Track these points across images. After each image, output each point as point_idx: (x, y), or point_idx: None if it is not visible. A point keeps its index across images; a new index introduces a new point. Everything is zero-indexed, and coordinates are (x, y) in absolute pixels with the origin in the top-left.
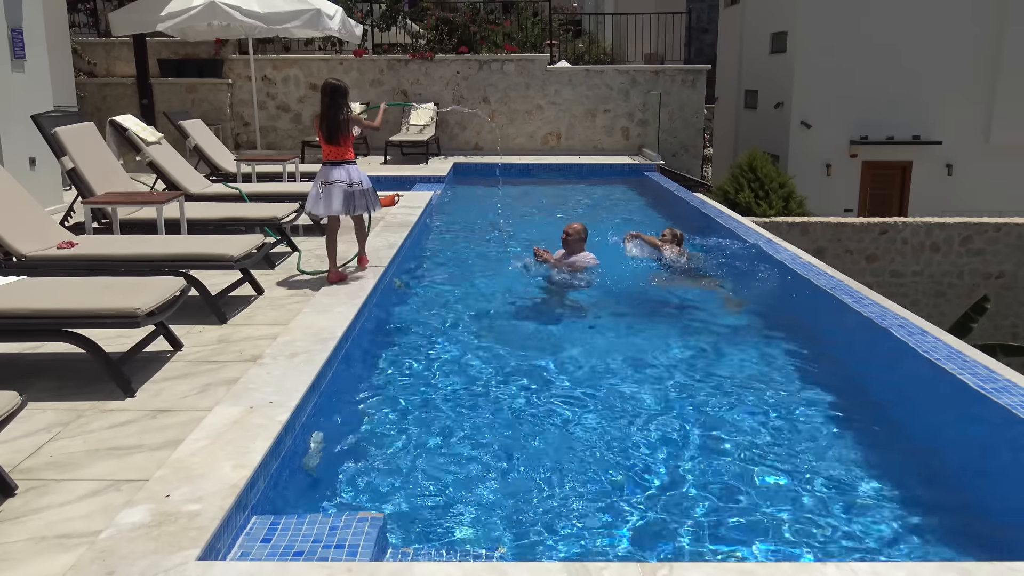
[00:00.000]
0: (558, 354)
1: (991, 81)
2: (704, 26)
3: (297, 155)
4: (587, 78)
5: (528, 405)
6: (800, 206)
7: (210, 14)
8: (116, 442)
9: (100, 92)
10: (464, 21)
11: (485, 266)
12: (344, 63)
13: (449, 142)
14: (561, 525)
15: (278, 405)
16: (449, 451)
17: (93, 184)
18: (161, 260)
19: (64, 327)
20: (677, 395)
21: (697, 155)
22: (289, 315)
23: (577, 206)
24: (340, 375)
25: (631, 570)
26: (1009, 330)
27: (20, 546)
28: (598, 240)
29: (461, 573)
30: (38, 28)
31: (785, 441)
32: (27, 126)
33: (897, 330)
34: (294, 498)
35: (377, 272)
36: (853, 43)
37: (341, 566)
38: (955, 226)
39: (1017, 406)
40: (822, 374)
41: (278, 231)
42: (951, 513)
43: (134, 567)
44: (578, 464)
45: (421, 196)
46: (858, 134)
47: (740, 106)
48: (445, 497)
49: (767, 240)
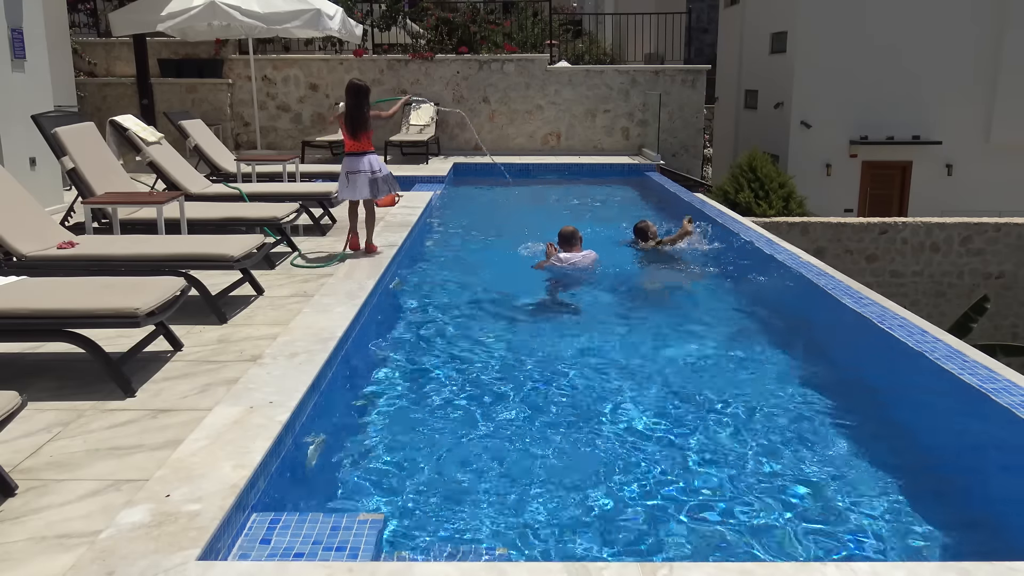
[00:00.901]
0: (559, 353)
1: (991, 81)
2: (704, 26)
3: (297, 155)
4: (587, 78)
5: (529, 404)
6: (800, 206)
7: (210, 14)
8: (116, 442)
9: (100, 92)
10: (464, 21)
11: (485, 266)
12: (344, 63)
13: (449, 142)
14: (562, 524)
15: (278, 405)
16: (449, 451)
17: (93, 184)
18: (161, 260)
19: (64, 327)
20: (678, 394)
21: (697, 155)
22: (289, 315)
23: (582, 207)
24: (340, 375)
25: (631, 570)
26: (1009, 330)
27: (20, 546)
28: (602, 235)
29: (460, 573)
30: (38, 28)
31: (784, 440)
32: (27, 126)
33: (897, 330)
34: (294, 498)
35: (377, 272)
36: (853, 43)
37: (341, 566)
38: (955, 226)
39: (1017, 406)
40: (822, 374)
41: (278, 231)
42: (951, 513)
43: (134, 567)
44: (579, 463)
45: (421, 196)
46: (858, 134)
47: (740, 106)
48: (445, 497)
49: (767, 240)
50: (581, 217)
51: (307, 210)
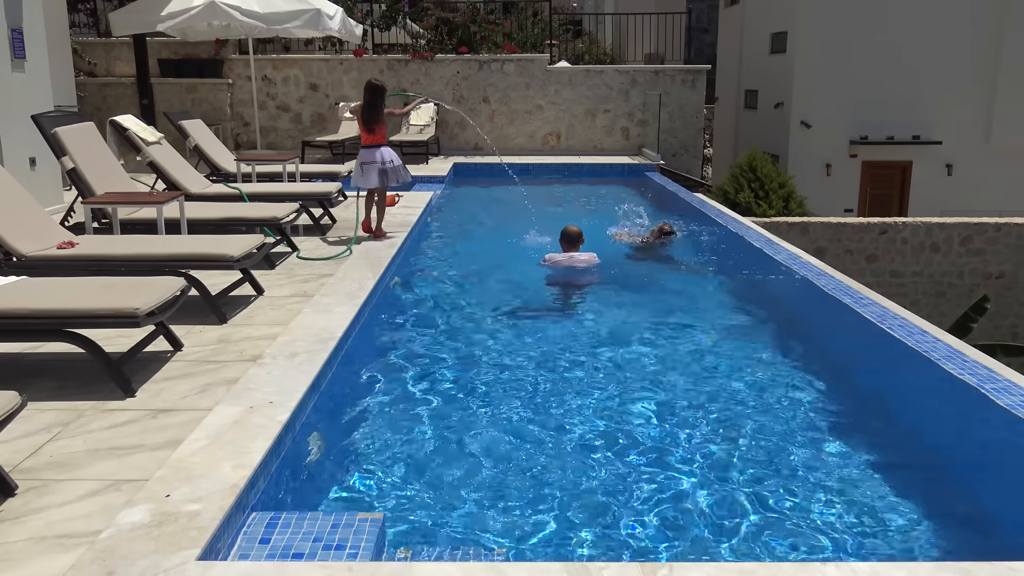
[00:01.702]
0: (559, 352)
1: (991, 81)
2: (704, 26)
3: (297, 155)
4: (587, 78)
5: (530, 404)
6: (800, 206)
7: (210, 14)
8: (116, 442)
9: (100, 92)
10: (464, 21)
11: (485, 266)
12: (344, 63)
13: (449, 142)
14: (562, 524)
15: (278, 405)
16: (450, 451)
17: (93, 184)
18: (161, 260)
19: (64, 327)
20: (679, 394)
21: (697, 155)
22: (289, 315)
23: (582, 208)
24: (340, 375)
25: (631, 570)
26: (1009, 330)
27: (20, 546)
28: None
29: (461, 573)
30: (38, 28)
31: (784, 440)
32: (27, 126)
33: (897, 330)
34: (294, 498)
35: (377, 272)
36: (853, 43)
37: (341, 566)
38: (955, 226)
39: (1017, 406)
40: (822, 374)
41: (278, 231)
42: (951, 513)
43: (134, 567)
44: (580, 463)
45: (421, 196)
46: (858, 134)
47: (740, 106)
48: (445, 497)
49: (767, 240)
50: (581, 217)
51: (307, 210)
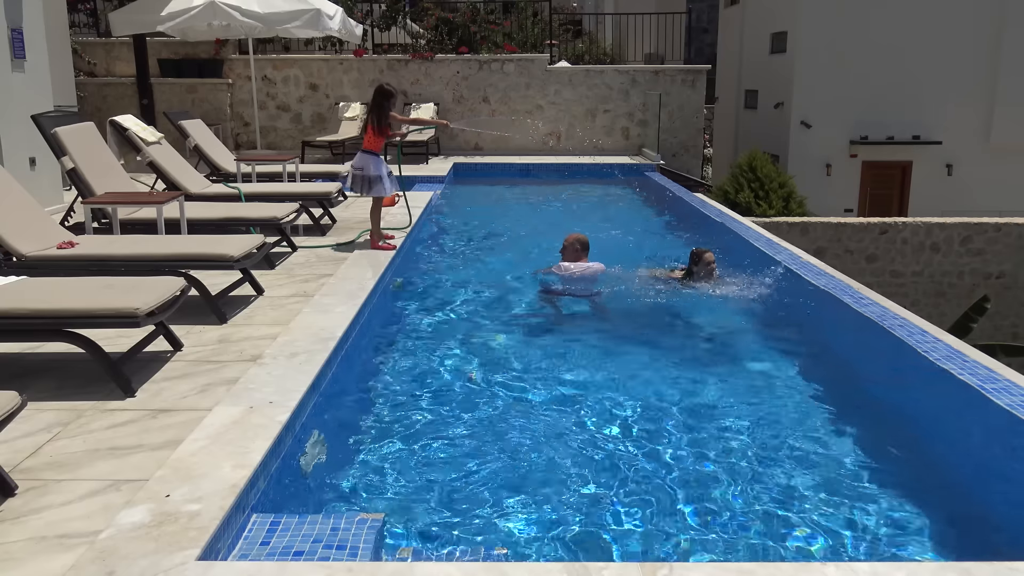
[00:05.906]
0: (558, 353)
1: (991, 81)
2: (704, 26)
3: (297, 155)
4: (587, 78)
5: (530, 405)
6: (800, 206)
7: (210, 14)
8: (116, 442)
9: (100, 92)
10: (464, 21)
11: (485, 266)
12: (344, 63)
13: (449, 142)
14: (562, 525)
15: (278, 405)
16: (449, 451)
17: (93, 184)
18: (161, 260)
19: (64, 327)
20: (679, 397)
21: (697, 155)
22: (289, 315)
23: (582, 207)
24: (340, 375)
25: (631, 570)
26: (1009, 330)
27: (20, 546)
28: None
29: (461, 573)
30: (38, 28)
31: (784, 441)
32: (27, 126)
33: (897, 330)
34: (294, 498)
35: (377, 272)
36: (853, 43)
37: (341, 566)
38: (955, 226)
39: (1017, 406)
40: (822, 374)
41: (278, 231)
42: (951, 513)
43: (134, 567)
44: (580, 464)
45: (421, 196)
46: (858, 134)
47: (740, 106)
48: (445, 497)
49: (767, 240)
50: (582, 219)
51: (307, 210)
